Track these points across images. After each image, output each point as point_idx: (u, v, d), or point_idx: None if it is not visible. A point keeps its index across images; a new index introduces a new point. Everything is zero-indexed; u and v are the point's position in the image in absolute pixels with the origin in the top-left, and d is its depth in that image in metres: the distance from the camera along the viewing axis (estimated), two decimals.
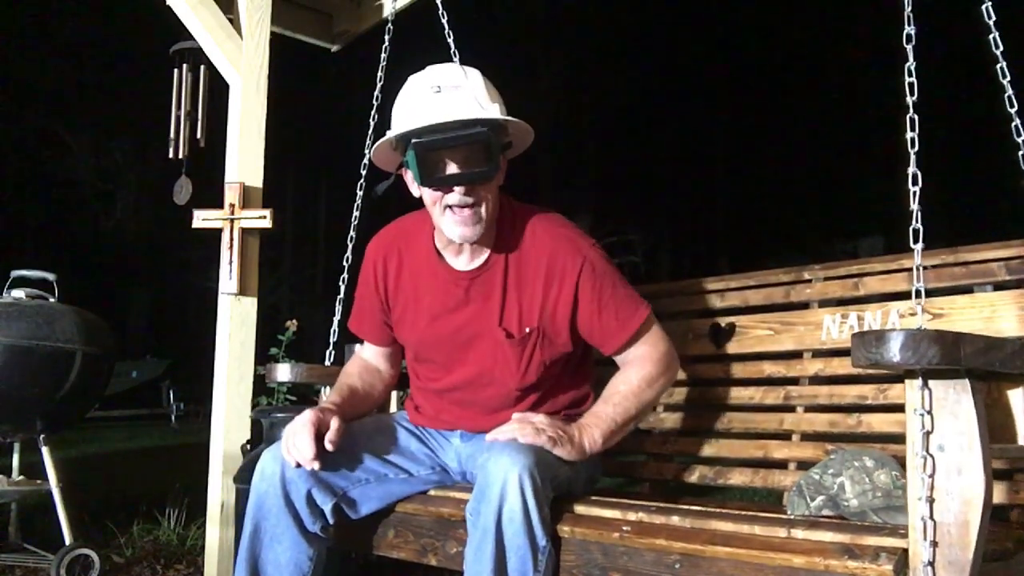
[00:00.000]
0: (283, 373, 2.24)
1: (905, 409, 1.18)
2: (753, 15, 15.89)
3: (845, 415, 1.79)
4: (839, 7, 14.77)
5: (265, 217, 2.67)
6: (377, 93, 2.55)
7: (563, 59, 16.80)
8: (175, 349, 13.81)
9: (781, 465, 1.86)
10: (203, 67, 3.39)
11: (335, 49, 3.42)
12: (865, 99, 14.63)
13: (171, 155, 3.44)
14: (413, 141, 1.64)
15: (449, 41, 2.59)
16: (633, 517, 1.46)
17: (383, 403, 2.15)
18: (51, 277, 3.09)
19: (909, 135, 1.47)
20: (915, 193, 1.42)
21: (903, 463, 1.36)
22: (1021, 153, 1.58)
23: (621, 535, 1.43)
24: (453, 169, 1.65)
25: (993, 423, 1.21)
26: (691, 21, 16.49)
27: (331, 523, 1.72)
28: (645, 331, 1.75)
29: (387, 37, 2.71)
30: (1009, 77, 1.62)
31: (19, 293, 2.97)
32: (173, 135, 3.43)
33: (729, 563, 1.31)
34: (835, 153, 16.22)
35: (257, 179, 2.73)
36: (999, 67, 1.63)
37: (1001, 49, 1.63)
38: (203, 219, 2.70)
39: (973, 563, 1.11)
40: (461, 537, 1.59)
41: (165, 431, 10.17)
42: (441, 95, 1.67)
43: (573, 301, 1.72)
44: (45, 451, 2.94)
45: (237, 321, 2.66)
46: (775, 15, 15.43)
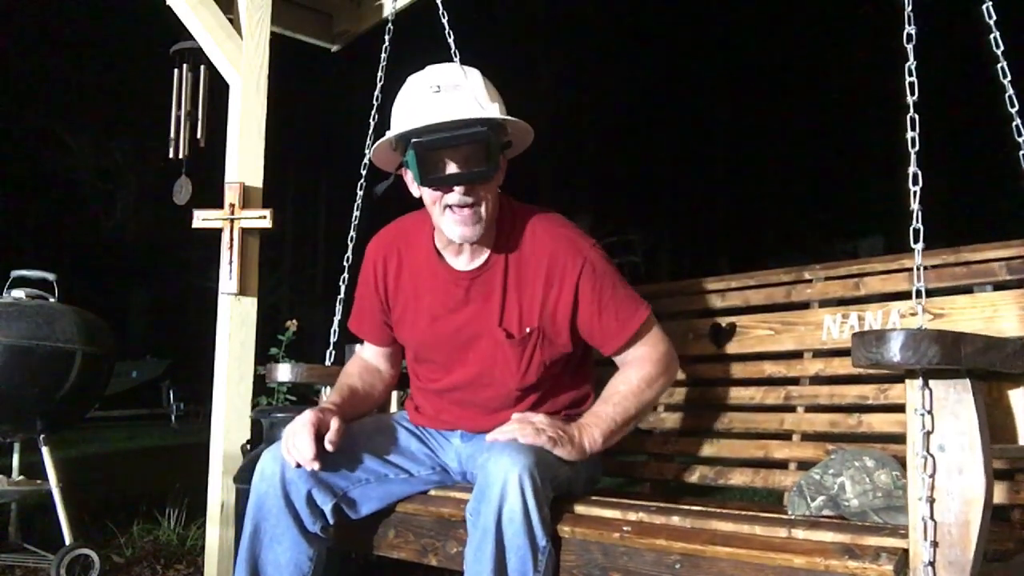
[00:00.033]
0: (283, 373, 2.24)
1: (905, 409, 1.18)
2: (753, 15, 15.89)
3: (846, 415, 1.79)
4: (839, 7, 14.76)
5: (265, 217, 2.67)
6: (377, 93, 2.54)
7: (563, 59, 16.79)
8: (175, 349, 13.79)
9: (782, 465, 1.86)
10: (203, 67, 3.39)
11: (335, 49, 3.42)
12: (865, 99, 14.62)
13: (171, 155, 3.44)
14: (413, 141, 1.64)
15: (449, 41, 2.59)
16: (633, 517, 1.46)
17: (383, 403, 2.15)
18: (51, 277, 3.09)
19: (910, 135, 1.47)
20: (916, 193, 1.42)
21: (903, 463, 1.36)
22: (1021, 153, 1.58)
23: (621, 535, 1.43)
24: (453, 169, 1.65)
25: (994, 423, 1.20)
26: (691, 21, 16.48)
27: (331, 523, 1.72)
28: (645, 331, 1.75)
29: (387, 37, 2.71)
30: (1010, 77, 1.62)
31: (19, 293, 2.98)
32: (173, 135, 3.43)
33: (729, 563, 1.31)
34: (835, 153, 16.21)
35: (257, 179, 2.73)
36: (999, 67, 1.63)
37: (1002, 49, 1.63)
38: (203, 219, 2.70)
39: (974, 563, 1.11)
40: (461, 537, 1.59)
41: (165, 431, 10.17)
42: (441, 95, 1.67)
43: (573, 301, 1.72)
44: (45, 451, 2.94)
45: (237, 321, 2.67)
46: (775, 15, 15.42)
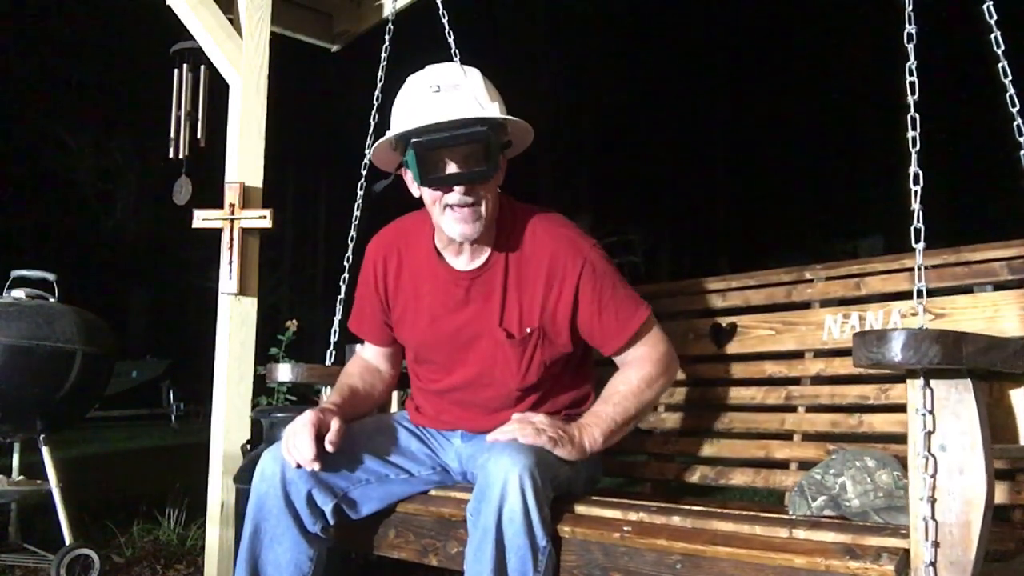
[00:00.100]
0: (283, 373, 2.23)
1: (906, 409, 1.18)
2: (753, 15, 15.88)
3: (846, 415, 1.79)
4: (840, 7, 14.76)
5: (265, 217, 2.67)
6: (377, 93, 2.54)
7: (563, 59, 16.78)
8: (175, 349, 13.78)
9: (782, 465, 1.86)
10: (203, 67, 3.39)
11: (335, 49, 3.42)
12: (865, 99, 14.62)
13: (171, 155, 3.44)
14: (413, 141, 1.64)
15: (449, 41, 2.59)
16: (634, 517, 1.46)
17: (384, 403, 2.14)
18: (51, 277, 3.09)
19: (910, 134, 1.47)
20: (916, 192, 1.42)
21: (904, 463, 1.36)
22: (1022, 153, 1.58)
23: (622, 535, 1.43)
24: (453, 169, 1.65)
25: (995, 423, 1.20)
26: (691, 21, 16.48)
27: (331, 523, 1.72)
28: (645, 332, 1.74)
29: (387, 37, 2.70)
30: (1011, 76, 1.62)
31: (19, 293, 2.98)
32: (173, 135, 3.43)
33: (730, 563, 1.31)
34: (835, 153, 16.21)
35: (257, 179, 2.73)
36: (1000, 66, 1.63)
37: (1003, 48, 1.62)
38: (203, 219, 2.70)
39: (975, 563, 1.11)
40: (462, 537, 1.59)
41: (165, 431, 10.18)
42: (440, 95, 1.67)
43: (573, 302, 1.72)
44: (45, 451, 2.94)
45: (237, 321, 2.66)
46: (775, 15, 15.42)
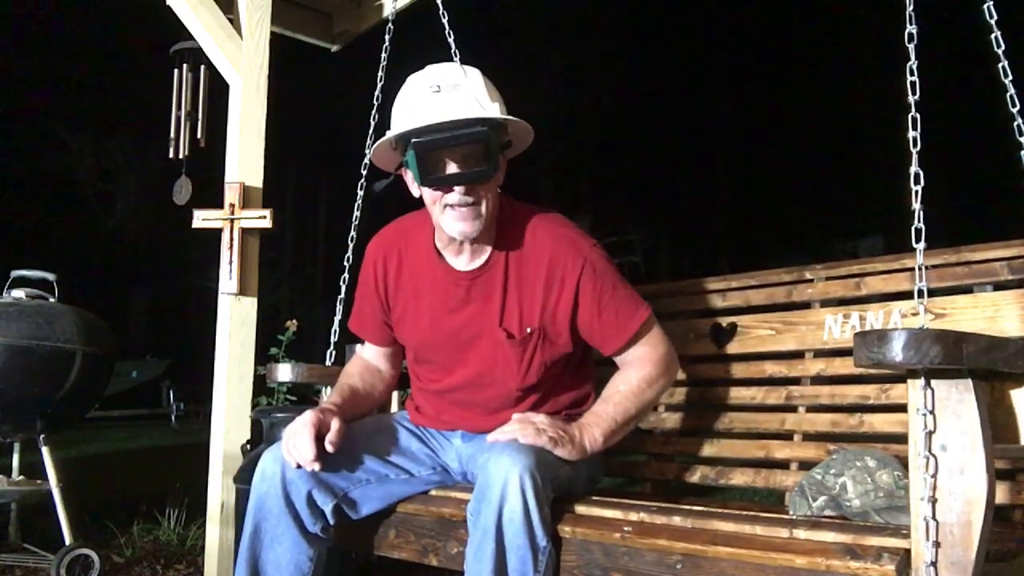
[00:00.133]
0: (283, 373, 2.23)
1: (907, 409, 1.18)
2: (753, 14, 15.88)
3: (847, 415, 1.79)
4: (840, 7, 14.76)
5: (265, 217, 2.67)
6: (377, 93, 2.54)
7: (563, 59, 16.79)
8: (175, 349, 13.79)
9: (783, 465, 1.86)
10: (203, 67, 3.39)
11: (335, 49, 3.41)
12: (865, 99, 14.62)
13: (171, 155, 3.44)
14: (413, 141, 1.64)
15: (449, 41, 2.59)
16: (634, 517, 1.46)
17: (384, 403, 2.14)
18: (51, 277, 3.09)
19: (911, 134, 1.46)
20: (917, 192, 1.41)
21: (905, 463, 1.36)
22: (1022, 153, 1.58)
23: (622, 535, 1.43)
24: (453, 169, 1.65)
25: (995, 423, 1.20)
26: (691, 21, 16.48)
27: (331, 524, 1.72)
28: (645, 332, 1.74)
29: (387, 37, 2.70)
30: (1011, 76, 1.62)
31: (19, 293, 2.97)
32: (173, 135, 3.43)
33: (731, 563, 1.31)
34: (835, 153, 16.21)
35: (257, 179, 2.73)
36: (1001, 66, 1.63)
37: (1003, 48, 1.62)
38: (203, 219, 2.70)
39: (976, 563, 1.11)
40: (462, 537, 1.58)
41: (165, 431, 10.17)
42: (441, 95, 1.66)
43: (574, 302, 1.71)
44: (45, 451, 2.94)
45: (237, 321, 2.66)
46: (776, 14, 15.42)
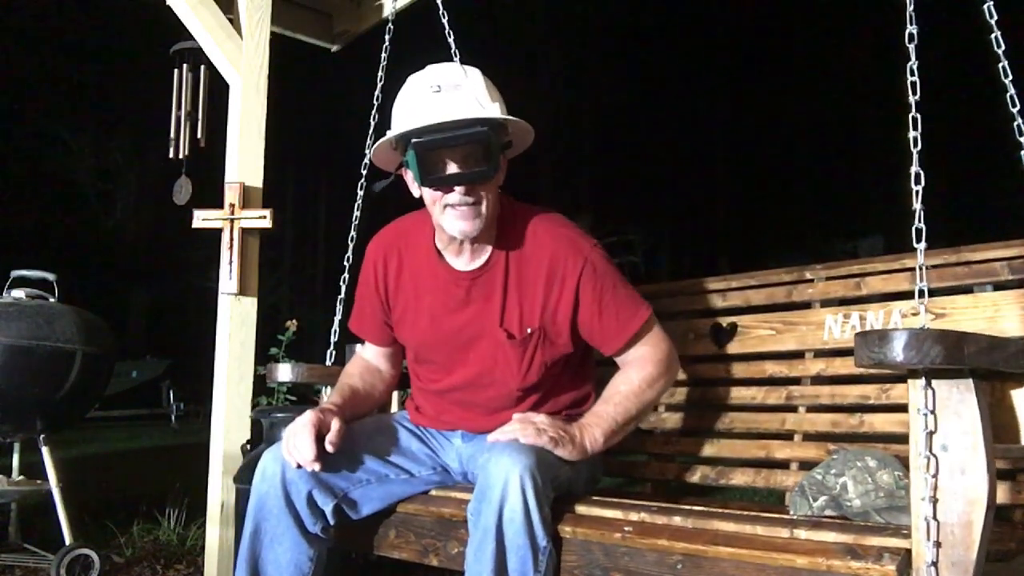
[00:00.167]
0: (283, 373, 2.23)
1: (907, 409, 1.18)
2: (754, 14, 15.89)
3: (847, 415, 1.79)
4: (840, 7, 14.76)
5: (265, 217, 2.67)
6: (377, 93, 2.54)
7: (563, 59, 16.79)
8: (175, 349, 13.78)
9: (783, 465, 1.86)
10: (203, 67, 3.39)
11: (335, 49, 3.41)
12: (865, 99, 14.63)
13: (171, 155, 3.44)
14: (413, 141, 1.64)
15: (449, 41, 2.59)
16: (635, 517, 1.46)
17: (384, 403, 2.14)
18: (51, 277, 3.09)
19: (912, 134, 1.46)
20: (918, 192, 1.41)
21: (905, 463, 1.36)
22: (1022, 153, 1.57)
23: (623, 535, 1.43)
24: (453, 169, 1.65)
25: (996, 423, 1.20)
26: (691, 21, 16.48)
27: (332, 524, 1.72)
28: (646, 332, 1.74)
29: (387, 37, 2.70)
30: (1011, 76, 1.62)
31: (19, 293, 2.97)
32: (173, 135, 3.43)
33: (731, 563, 1.31)
34: (835, 153, 16.22)
35: (257, 179, 2.73)
36: (1001, 66, 1.63)
37: (1003, 48, 1.62)
38: (203, 219, 2.70)
39: (976, 563, 1.10)
40: (462, 537, 1.58)
41: (165, 431, 10.17)
42: (441, 95, 1.66)
43: (574, 302, 1.71)
44: (45, 451, 2.94)
45: (237, 321, 2.66)
46: (776, 14, 15.42)
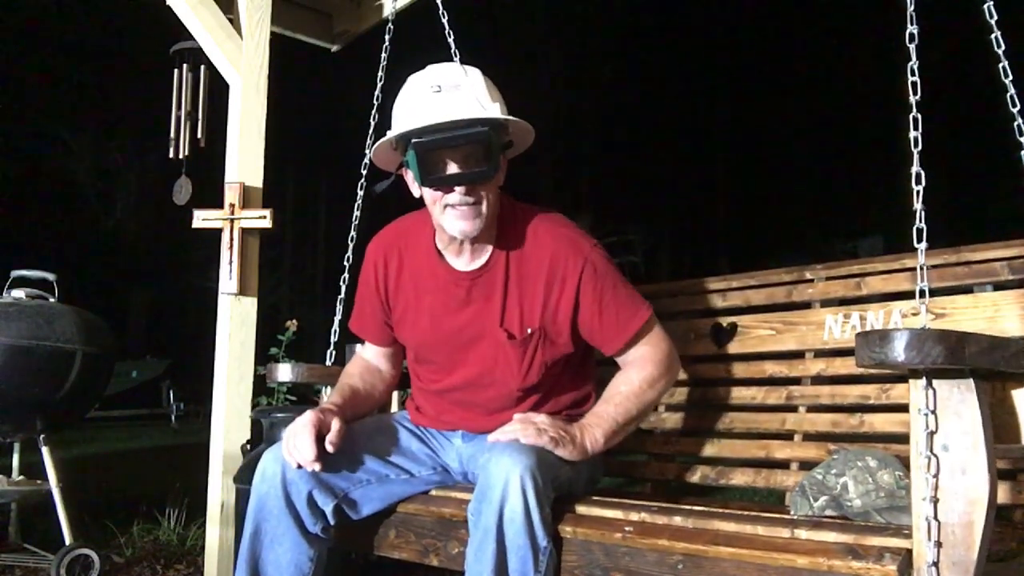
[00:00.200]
0: (283, 373, 2.23)
1: (908, 409, 1.18)
2: (754, 14, 15.89)
3: (847, 415, 1.79)
4: (840, 7, 14.76)
5: (265, 217, 2.67)
6: (377, 93, 2.54)
7: (563, 59, 16.79)
8: (175, 349, 13.78)
9: (783, 465, 1.86)
10: (203, 67, 3.39)
11: (335, 49, 3.41)
12: (865, 99, 14.63)
13: (171, 155, 3.44)
14: (413, 141, 1.64)
15: (449, 41, 2.59)
16: (635, 517, 1.46)
17: (384, 403, 2.14)
18: (51, 277, 3.09)
19: (912, 134, 1.46)
20: (919, 192, 1.41)
21: (906, 463, 1.36)
22: (1022, 153, 1.57)
23: (623, 535, 1.43)
24: (453, 169, 1.65)
25: (997, 423, 1.20)
26: (691, 21, 16.48)
27: (332, 524, 1.72)
28: (646, 332, 1.74)
29: (387, 37, 2.70)
30: (1011, 76, 1.62)
31: (19, 293, 2.97)
32: (173, 135, 3.43)
33: (732, 563, 1.31)
34: (835, 153, 16.21)
35: (257, 179, 2.73)
36: (1001, 66, 1.63)
37: (1003, 48, 1.62)
38: (203, 219, 2.70)
39: (978, 563, 1.10)
40: (463, 537, 1.58)
41: (165, 431, 10.17)
42: (441, 95, 1.66)
43: (574, 302, 1.71)
44: (45, 451, 2.94)
45: (237, 321, 2.66)
46: (775, 14, 15.42)
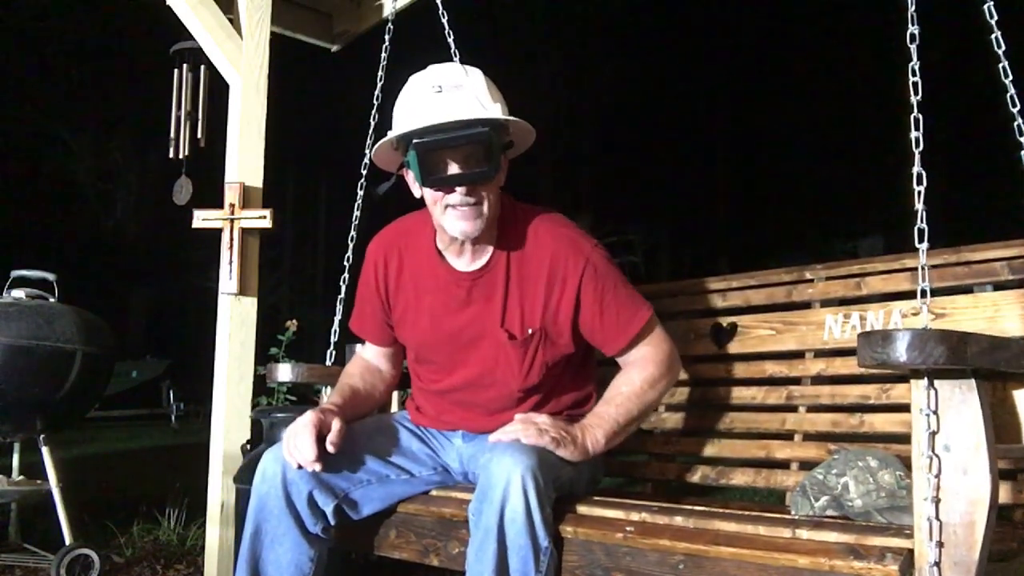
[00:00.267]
0: (283, 373, 2.23)
1: (908, 409, 1.18)
2: (754, 14, 15.88)
3: (847, 415, 1.79)
4: (840, 7, 14.76)
5: (265, 217, 2.66)
6: (377, 93, 2.54)
7: (563, 59, 16.79)
8: (175, 349, 13.78)
9: (783, 465, 1.86)
10: (203, 67, 3.38)
11: (335, 49, 3.41)
12: (865, 99, 14.63)
13: (171, 155, 3.44)
14: (414, 141, 1.64)
15: (449, 41, 2.59)
16: (636, 517, 1.45)
17: (384, 403, 2.14)
18: (51, 277, 3.09)
19: (913, 135, 1.46)
20: (920, 193, 1.41)
21: (906, 463, 1.36)
22: (1022, 153, 1.57)
23: (624, 535, 1.43)
24: (454, 169, 1.65)
25: (998, 423, 1.20)
26: (691, 21, 16.48)
27: (332, 524, 1.72)
28: (647, 332, 1.74)
29: (387, 37, 2.70)
30: (1011, 76, 1.62)
31: (19, 293, 2.97)
32: (173, 135, 3.43)
33: (733, 563, 1.31)
34: (835, 153, 16.21)
35: (257, 179, 2.73)
36: (1001, 66, 1.63)
37: (1003, 48, 1.62)
38: (203, 219, 2.70)
39: (979, 563, 1.10)
40: (463, 537, 1.58)
41: (165, 431, 10.16)
42: (442, 95, 1.66)
43: (575, 303, 1.71)
44: (45, 451, 2.94)
45: (237, 321, 2.66)
46: (776, 15, 15.42)
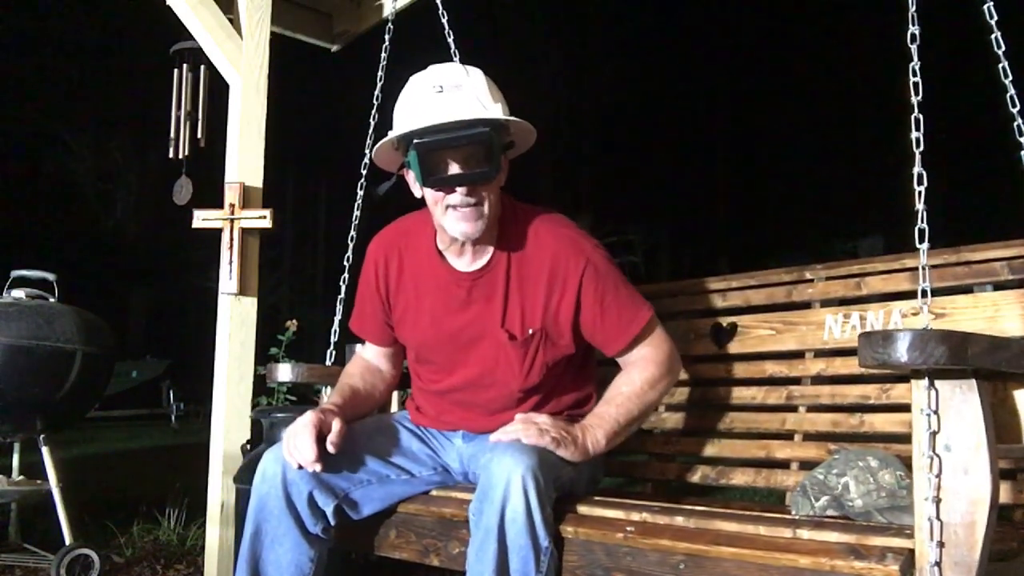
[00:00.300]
0: (283, 373, 2.23)
1: (908, 409, 1.18)
2: (754, 14, 15.89)
3: (848, 415, 1.79)
4: (840, 7, 14.76)
5: (265, 217, 2.66)
6: (377, 93, 2.54)
7: (563, 59, 16.79)
8: (175, 349, 13.78)
9: (783, 465, 1.86)
10: (203, 67, 3.38)
11: (335, 49, 3.41)
12: (865, 99, 14.63)
13: (171, 155, 3.44)
14: (415, 141, 1.64)
15: (449, 41, 2.59)
16: (637, 517, 1.45)
17: (384, 403, 2.14)
18: (51, 277, 3.09)
19: (914, 135, 1.46)
20: (921, 193, 1.41)
21: (906, 463, 1.36)
22: (1022, 153, 1.57)
23: (625, 535, 1.43)
24: (455, 169, 1.65)
25: (999, 423, 1.20)
26: (691, 20, 16.48)
27: (332, 524, 1.71)
28: (648, 333, 1.74)
29: (387, 37, 2.70)
30: (1011, 77, 1.62)
31: (19, 293, 2.97)
32: (173, 135, 3.42)
33: (733, 563, 1.31)
34: (835, 153, 16.21)
35: (257, 179, 2.73)
36: (1001, 66, 1.63)
37: (1003, 49, 1.62)
38: (203, 219, 2.70)
39: (980, 563, 1.10)
40: (463, 537, 1.58)
41: (165, 431, 10.16)
42: (443, 95, 1.66)
43: (576, 303, 1.71)
44: (45, 451, 2.94)
45: (237, 321, 2.66)
46: (776, 14, 15.42)
